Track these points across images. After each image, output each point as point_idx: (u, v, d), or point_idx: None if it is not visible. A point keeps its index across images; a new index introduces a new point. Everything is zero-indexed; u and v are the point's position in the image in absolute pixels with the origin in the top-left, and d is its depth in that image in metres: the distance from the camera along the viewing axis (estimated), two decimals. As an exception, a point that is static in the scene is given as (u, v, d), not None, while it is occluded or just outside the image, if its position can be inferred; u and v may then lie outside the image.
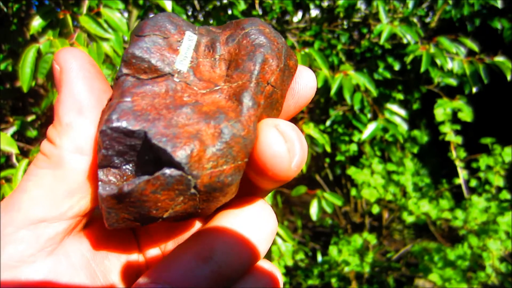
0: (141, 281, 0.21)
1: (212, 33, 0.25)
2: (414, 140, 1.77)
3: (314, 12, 1.67)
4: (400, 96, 1.52)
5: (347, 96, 1.07)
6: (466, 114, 1.37)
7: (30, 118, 1.06)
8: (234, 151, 0.21)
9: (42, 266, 0.22)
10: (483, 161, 1.46)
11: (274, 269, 0.24)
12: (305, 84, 0.26)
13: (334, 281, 1.48)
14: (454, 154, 1.53)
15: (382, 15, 1.11)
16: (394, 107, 1.24)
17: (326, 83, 1.07)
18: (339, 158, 1.68)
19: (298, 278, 1.62)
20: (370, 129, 1.20)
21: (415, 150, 1.74)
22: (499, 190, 1.42)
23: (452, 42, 1.17)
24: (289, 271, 1.63)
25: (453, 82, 1.33)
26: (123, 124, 0.20)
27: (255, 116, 0.22)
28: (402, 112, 1.24)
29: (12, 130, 0.94)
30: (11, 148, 0.71)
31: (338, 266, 1.47)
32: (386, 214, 1.90)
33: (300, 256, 1.52)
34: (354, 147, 1.64)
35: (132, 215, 0.21)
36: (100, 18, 0.77)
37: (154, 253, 0.27)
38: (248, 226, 0.23)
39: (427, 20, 1.58)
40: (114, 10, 0.80)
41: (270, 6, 1.39)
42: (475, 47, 1.17)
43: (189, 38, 0.24)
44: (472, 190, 1.55)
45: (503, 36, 1.36)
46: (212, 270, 0.21)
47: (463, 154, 1.52)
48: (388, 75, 1.38)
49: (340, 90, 1.08)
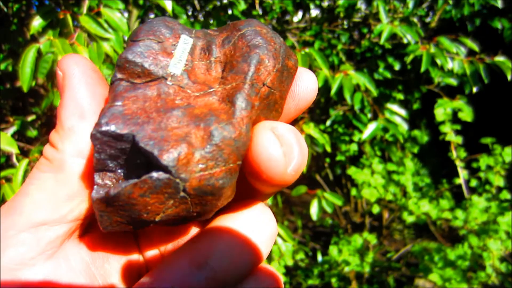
0: None
1: (209, 35, 0.25)
2: (414, 140, 1.77)
3: (314, 12, 1.67)
4: (400, 96, 1.52)
5: (347, 96, 1.07)
6: (467, 114, 1.37)
7: (30, 118, 1.06)
8: (225, 154, 0.20)
9: (42, 269, 0.22)
10: (484, 161, 1.46)
11: (275, 272, 0.24)
12: (305, 86, 0.25)
13: (334, 281, 1.48)
14: (454, 154, 1.53)
15: (382, 15, 1.11)
16: (395, 107, 1.24)
17: (326, 83, 1.07)
18: (339, 158, 1.68)
19: (298, 278, 1.62)
20: (370, 129, 1.20)
21: (415, 150, 1.74)
22: (500, 190, 1.42)
23: (452, 42, 1.17)
24: (289, 271, 1.63)
25: (453, 82, 1.33)
26: (112, 128, 0.21)
27: (249, 118, 0.22)
28: (403, 112, 1.24)
29: (12, 130, 0.94)
30: (11, 148, 0.71)
31: (338, 266, 1.47)
32: (386, 214, 1.90)
33: (300, 256, 1.52)
34: (354, 147, 1.64)
35: (124, 219, 0.21)
36: (100, 18, 0.77)
37: (154, 255, 0.27)
38: (246, 229, 0.23)
39: (428, 20, 1.58)
40: (114, 10, 0.80)
41: (270, 6, 1.39)
42: (476, 47, 1.17)
43: (184, 42, 0.24)
44: (472, 190, 1.55)
45: (503, 36, 1.36)
46: (207, 277, 0.21)
47: (463, 154, 1.52)
48: (388, 75, 1.38)
49: (340, 90, 1.08)
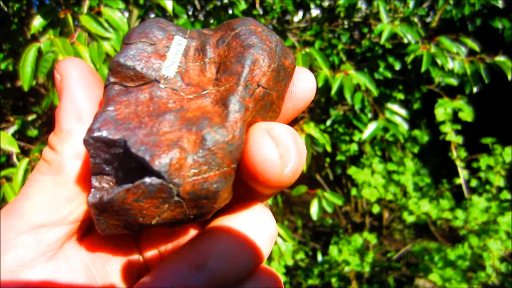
0: None
1: (203, 35, 0.24)
2: (414, 140, 1.77)
3: (315, 11, 1.67)
4: (400, 95, 1.52)
5: (348, 95, 1.07)
6: (467, 114, 1.37)
7: (31, 117, 1.06)
8: (218, 158, 0.20)
9: (42, 270, 0.22)
10: (484, 161, 1.46)
11: (275, 273, 0.24)
12: (303, 86, 0.25)
13: (334, 280, 1.48)
14: (454, 154, 1.53)
15: (383, 15, 1.11)
16: (395, 107, 1.24)
17: (326, 83, 1.07)
18: (340, 157, 1.68)
19: (298, 278, 1.62)
20: (370, 128, 1.20)
21: (416, 150, 1.74)
22: (500, 190, 1.42)
23: (453, 42, 1.16)
24: (289, 271, 1.63)
25: (453, 82, 1.33)
26: (104, 133, 0.20)
27: (242, 120, 0.21)
28: (403, 111, 1.24)
29: (12, 129, 0.94)
30: (12, 147, 0.71)
31: (338, 265, 1.47)
32: (386, 214, 1.90)
33: (300, 255, 1.52)
34: (354, 147, 1.64)
35: (121, 222, 0.21)
36: (100, 18, 0.77)
37: (154, 255, 0.27)
38: (246, 230, 0.23)
39: (428, 19, 1.58)
40: (114, 9, 0.80)
41: (270, 6, 1.39)
42: (476, 47, 1.17)
43: (177, 43, 0.23)
44: (472, 190, 1.55)
45: (504, 35, 1.36)
46: (206, 278, 0.21)
47: (464, 154, 1.52)
48: (388, 75, 1.38)
49: (340, 89, 1.08)
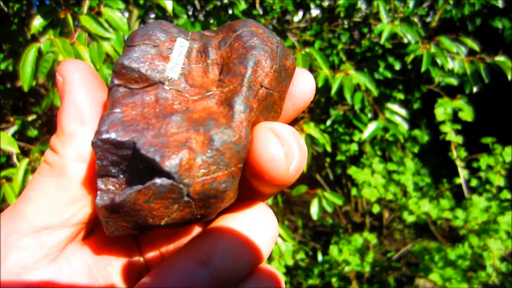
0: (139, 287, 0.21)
1: (205, 37, 0.25)
2: (414, 139, 1.77)
3: (315, 11, 1.67)
4: (400, 95, 1.52)
5: (348, 95, 1.07)
6: (467, 114, 1.37)
7: (31, 118, 1.06)
8: (226, 158, 0.20)
9: (45, 273, 0.22)
10: (484, 160, 1.46)
11: (276, 273, 0.24)
12: (303, 87, 0.25)
13: (334, 280, 1.48)
14: (454, 153, 1.53)
15: (383, 15, 1.11)
16: (395, 107, 1.24)
17: (326, 83, 1.07)
18: (340, 157, 1.68)
19: (298, 278, 1.62)
20: (370, 128, 1.20)
21: (416, 150, 1.74)
22: (500, 189, 1.42)
23: (452, 42, 1.16)
24: (289, 271, 1.63)
25: (453, 81, 1.33)
26: (112, 135, 0.21)
27: (248, 120, 0.22)
28: (403, 111, 1.24)
29: (12, 129, 0.94)
30: (12, 147, 0.71)
31: (338, 265, 1.47)
32: (386, 214, 1.90)
33: (300, 255, 1.52)
34: (354, 147, 1.64)
35: (130, 224, 0.21)
36: (100, 18, 0.77)
37: (155, 255, 0.27)
38: (248, 229, 0.23)
39: (428, 19, 1.58)
40: (114, 9, 0.80)
41: (270, 6, 1.39)
42: (476, 47, 1.17)
43: (180, 45, 0.24)
44: (472, 190, 1.55)
45: (504, 35, 1.36)
46: (211, 274, 0.21)
47: (464, 153, 1.52)
48: (388, 75, 1.38)
49: (340, 89, 1.08)
